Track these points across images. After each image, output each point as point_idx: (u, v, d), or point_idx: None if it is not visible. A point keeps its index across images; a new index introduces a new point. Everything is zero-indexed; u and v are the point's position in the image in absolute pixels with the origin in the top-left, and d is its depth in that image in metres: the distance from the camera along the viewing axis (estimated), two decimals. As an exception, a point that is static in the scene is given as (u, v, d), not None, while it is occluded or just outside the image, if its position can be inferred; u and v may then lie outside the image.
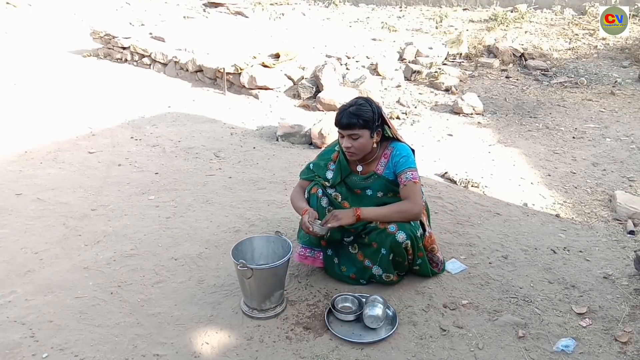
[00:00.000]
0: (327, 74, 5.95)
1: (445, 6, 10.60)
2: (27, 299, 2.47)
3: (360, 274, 2.56)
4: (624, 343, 2.18)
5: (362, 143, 2.39)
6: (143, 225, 3.20)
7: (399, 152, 2.48)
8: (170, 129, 5.06)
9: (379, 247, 2.44)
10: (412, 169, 2.44)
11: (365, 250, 2.52)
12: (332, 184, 2.55)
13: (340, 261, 2.60)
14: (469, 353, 2.14)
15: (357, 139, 2.37)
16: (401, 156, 2.46)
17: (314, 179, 2.60)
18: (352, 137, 2.37)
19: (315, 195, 2.54)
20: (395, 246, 2.39)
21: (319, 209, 2.51)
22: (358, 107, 2.37)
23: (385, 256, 2.44)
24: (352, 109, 2.36)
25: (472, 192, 3.72)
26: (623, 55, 7.45)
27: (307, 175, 2.65)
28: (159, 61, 7.30)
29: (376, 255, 2.46)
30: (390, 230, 2.38)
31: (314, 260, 2.60)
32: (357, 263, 2.56)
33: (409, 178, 2.42)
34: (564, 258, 2.86)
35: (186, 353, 2.13)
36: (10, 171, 3.97)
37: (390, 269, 2.48)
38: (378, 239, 2.43)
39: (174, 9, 10.68)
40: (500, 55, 7.50)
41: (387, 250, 2.42)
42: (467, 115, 5.51)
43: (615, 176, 3.99)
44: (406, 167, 2.44)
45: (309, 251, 2.58)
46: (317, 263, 2.61)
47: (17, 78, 6.73)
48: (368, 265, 2.52)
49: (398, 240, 2.37)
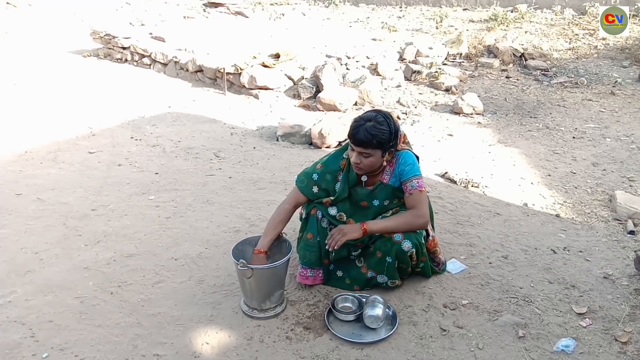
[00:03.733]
0: (327, 74, 5.95)
1: (446, 6, 10.59)
2: (27, 299, 2.47)
3: (364, 284, 2.55)
4: (624, 343, 2.18)
5: (372, 162, 2.30)
6: (143, 225, 3.20)
7: (404, 160, 2.40)
8: (171, 129, 5.06)
9: (384, 256, 2.40)
10: (417, 176, 2.38)
11: (369, 261, 2.49)
12: (337, 198, 2.45)
13: (345, 274, 2.58)
14: (469, 353, 2.14)
15: (368, 157, 2.28)
16: (407, 164, 2.39)
17: (311, 196, 2.49)
18: (363, 155, 2.28)
19: (315, 217, 2.47)
20: (400, 255, 2.37)
21: (320, 230, 2.46)
22: (376, 125, 2.24)
23: (391, 264, 2.41)
24: (369, 127, 2.23)
25: (472, 192, 3.72)
26: (623, 55, 7.45)
27: (307, 191, 2.50)
28: (159, 61, 7.30)
29: (381, 264, 2.43)
30: (396, 239, 2.34)
31: (314, 279, 2.57)
32: (361, 275, 2.53)
33: (415, 186, 2.36)
34: (564, 258, 2.86)
35: (186, 353, 2.13)
36: (11, 171, 3.98)
37: (395, 276, 2.47)
38: (383, 247, 2.39)
39: (174, 9, 10.68)
40: (501, 55, 7.50)
41: (393, 258, 2.39)
42: (467, 115, 5.50)
43: (616, 176, 3.99)
44: (412, 174, 2.38)
45: (310, 271, 2.54)
46: (318, 281, 2.59)
47: (17, 78, 6.73)
48: (372, 276, 2.50)
49: (404, 250, 2.35)
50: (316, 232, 2.47)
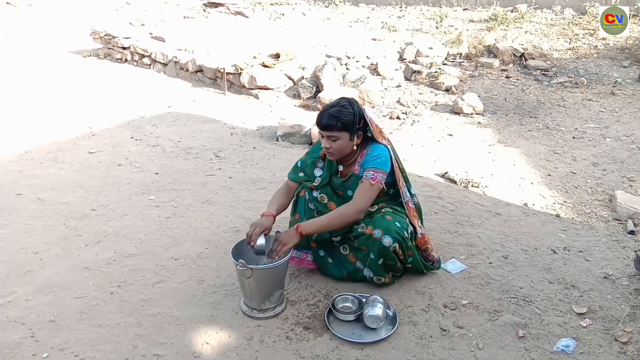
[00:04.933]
0: (327, 74, 5.95)
1: (446, 6, 10.59)
2: (27, 299, 2.47)
3: (353, 274, 2.56)
4: (624, 343, 2.18)
5: (341, 145, 2.38)
6: (143, 225, 3.20)
7: (372, 151, 2.45)
8: (171, 129, 5.06)
9: (368, 252, 2.43)
10: (376, 169, 2.39)
11: (357, 253, 2.51)
12: (320, 184, 2.54)
13: (334, 261, 2.59)
14: (469, 353, 2.14)
15: (336, 141, 2.37)
16: (372, 155, 2.43)
17: (300, 181, 2.61)
18: (331, 139, 2.37)
19: (303, 198, 2.59)
20: (382, 251, 2.37)
21: (307, 211, 2.56)
22: (339, 108, 2.36)
23: (374, 260, 2.42)
24: (332, 111, 2.36)
25: (472, 192, 3.72)
26: (623, 55, 7.45)
27: (294, 176, 2.64)
28: (159, 61, 7.30)
29: (366, 258, 2.45)
30: (375, 236, 2.35)
31: (300, 261, 2.63)
32: (349, 264, 2.55)
33: (368, 177, 2.38)
34: (564, 258, 2.86)
35: (186, 353, 2.13)
36: (11, 171, 3.97)
37: (381, 272, 2.47)
38: (366, 244, 2.41)
39: (174, 9, 10.67)
40: (501, 55, 7.50)
41: (375, 255, 2.39)
42: (467, 115, 5.50)
43: (616, 176, 3.99)
44: (371, 165, 2.40)
45: (295, 252, 2.58)
46: (305, 264, 2.63)
47: (18, 78, 6.73)
48: (360, 267, 2.51)
49: (385, 245, 2.35)
50: (303, 213, 2.57)
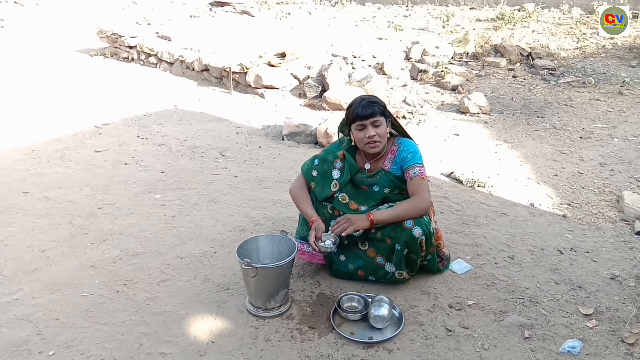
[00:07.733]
0: (333, 73, 5.94)
1: (452, 5, 10.56)
2: (34, 297, 2.48)
3: (370, 270, 2.51)
4: (631, 344, 2.16)
5: (384, 131, 2.42)
6: (149, 224, 3.21)
7: (406, 147, 2.48)
8: (176, 127, 5.07)
9: (394, 243, 2.39)
10: (419, 164, 2.45)
11: (378, 246, 2.46)
12: (341, 184, 2.51)
13: (348, 258, 2.54)
14: (475, 354, 2.13)
15: (379, 126, 2.39)
16: (409, 152, 2.46)
17: (310, 179, 2.57)
18: (375, 125, 2.38)
19: (313, 193, 2.57)
20: (411, 241, 2.35)
21: (318, 207, 2.54)
22: (369, 97, 2.45)
23: (399, 252, 2.39)
24: (364, 101, 2.41)
25: (479, 192, 3.71)
26: (631, 54, 7.39)
27: (306, 171, 2.59)
28: (166, 60, 7.33)
29: (389, 251, 2.42)
30: (407, 225, 2.34)
31: (312, 256, 2.59)
32: (369, 260, 2.50)
33: (417, 173, 2.42)
34: (570, 259, 2.84)
35: (191, 352, 2.14)
36: (18, 169, 4.00)
37: (403, 266, 2.44)
38: (392, 233, 2.38)
39: (180, 8, 10.70)
40: (507, 55, 7.47)
41: (402, 245, 2.37)
42: (473, 114, 5.48)
43: (623, 176, 3.96)
44: (414, 162, 2.44)
45: (307, 246, 2.55)
46: (316, 259, 2.60)
47: (25, 77, 6.78)
48: (380, 262, 2.47)
49: (414, 236, 2.34)
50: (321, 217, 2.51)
